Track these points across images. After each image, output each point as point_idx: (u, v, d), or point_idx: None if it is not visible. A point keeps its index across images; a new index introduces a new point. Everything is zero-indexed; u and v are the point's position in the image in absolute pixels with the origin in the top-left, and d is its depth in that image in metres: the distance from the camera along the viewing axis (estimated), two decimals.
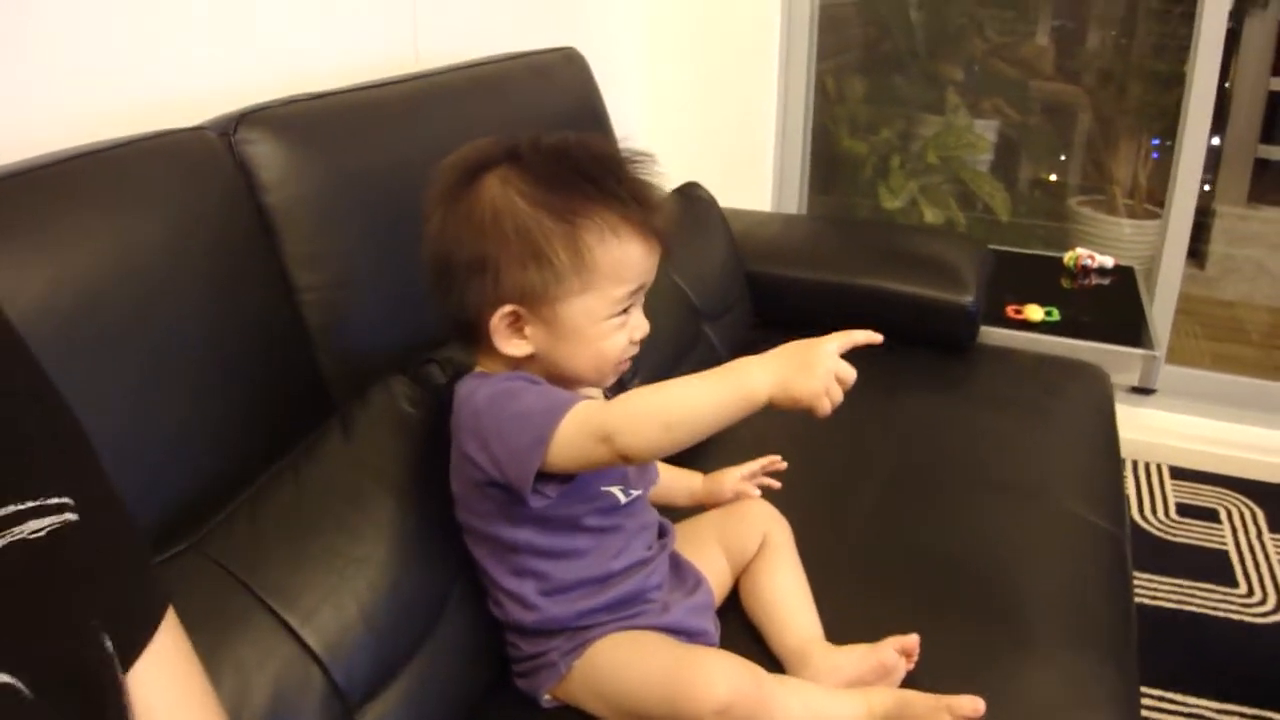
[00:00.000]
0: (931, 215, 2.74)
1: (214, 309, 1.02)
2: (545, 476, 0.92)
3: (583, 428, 0.89)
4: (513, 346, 0.97)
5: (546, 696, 1.03)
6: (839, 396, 0.88)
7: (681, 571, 1.12)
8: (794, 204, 2.61)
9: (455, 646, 1.01)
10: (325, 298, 1.16)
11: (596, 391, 1.08)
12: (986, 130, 2.83)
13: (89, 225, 0.93)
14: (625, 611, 1.03)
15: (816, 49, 2.56)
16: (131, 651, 0.53)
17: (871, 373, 1.68)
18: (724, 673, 0.93)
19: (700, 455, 1.29)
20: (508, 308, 0.95)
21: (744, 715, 0.92)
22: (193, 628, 0.82)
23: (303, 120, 1.19)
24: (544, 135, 0.97)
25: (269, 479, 0.98)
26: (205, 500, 0.96)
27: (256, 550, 0.91)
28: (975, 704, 0.96)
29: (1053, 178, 3.02)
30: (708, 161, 2.46)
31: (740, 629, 1.13)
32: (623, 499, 1.02)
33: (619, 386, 1.35)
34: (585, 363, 0.98)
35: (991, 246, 2.41)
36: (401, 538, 0.98)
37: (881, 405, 1.65)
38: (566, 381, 0.99)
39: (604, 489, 1.00)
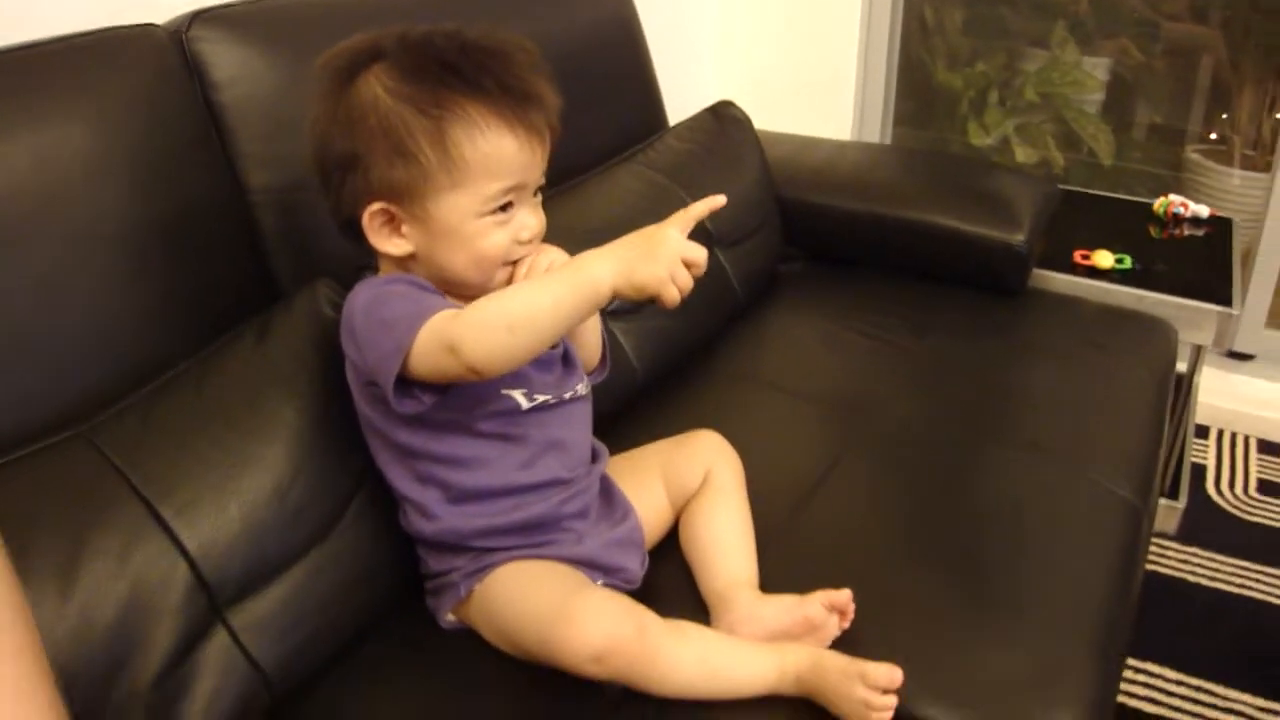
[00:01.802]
0: (1024, 155, 2.55)
1: (145, 206, 1.01)
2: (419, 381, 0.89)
3: (433, 337, 0.85)
4: (391, 245, 0.94)
5: (449, 618, 1.00)
6: (687, 282, 0.84)
7: (612, 501, 1.07)
8: (875, 136, 2.48)
9: (349, 558, 0.98)
10: (280, 200, 1.15)
11: None
12: (1096, 69, 2.60)
13: (9, 117, 0.93)
14: (535, 537, 0.99)
15: None
16: None
17: (902, 310, 1.63)
18: (602, 618, 0.88)
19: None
20: (377, 205, 0.92)
21: (622, 664, 0.87)
22: (60, 513, 0.85)
23: (265, 20, 1.17)
24: (413, 28, 0.93)
25: (175, 374, 0.97)
26: (127, 393, 0.96)
27: (141, 440, 0.90)
28: (891, 674, 0.88)
29: (1159, 121, 2.77)
30: (781, 88, 2.36)
31: (675, 569, 1.08)
32: (524, 404, 0.97)
33: None
34: (464, 262, 0.93)
35: (1088, 191, 2.24)
36: (297, 441, 0.96)
37: (908, 345, 1.55)
38: (452, 284, 0.95)
39: (503, 392, 0.96)
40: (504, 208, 0.93)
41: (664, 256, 0.83)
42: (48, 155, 0.94)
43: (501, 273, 0.95)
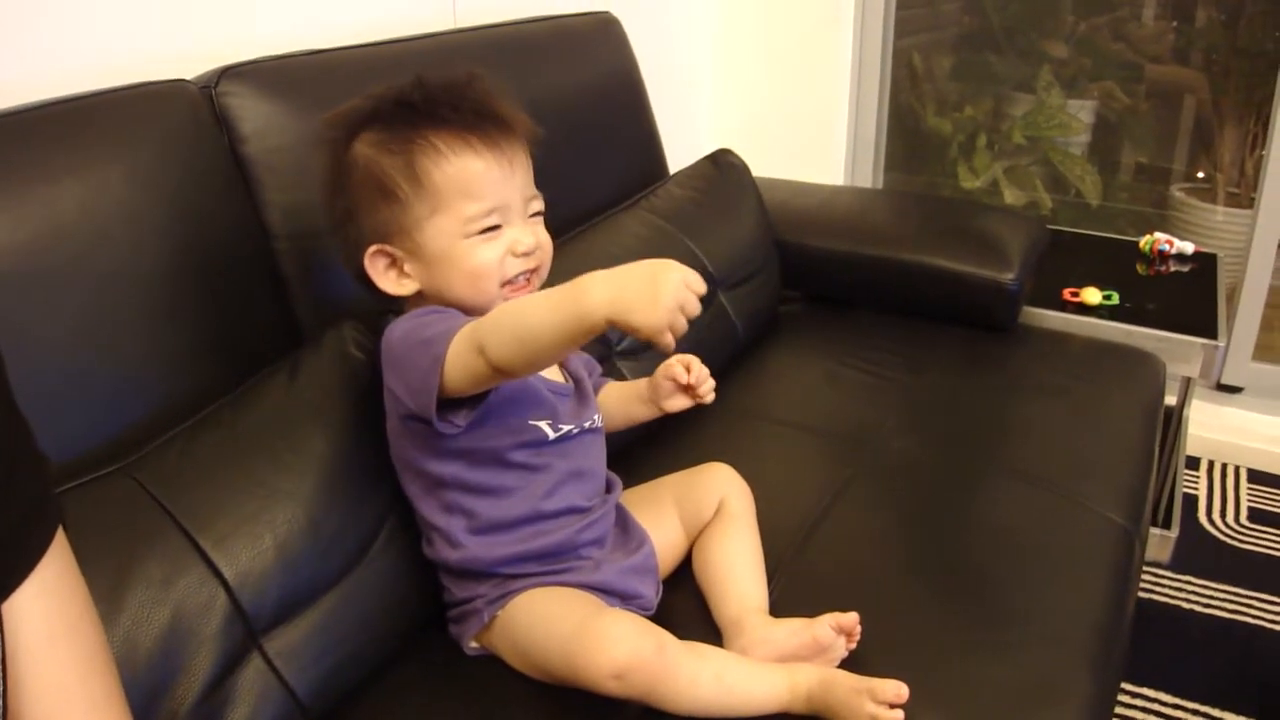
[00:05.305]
0: (1013, 197, 2.62)
1: (179, 251, 1.06)
2: (454, 405, 0.94)
3: (465, 340, 0.90)
4: (398, 286, 1.01)
5: (473, 644, 1.04)
6: (683, 328, 0.83)
7: (628, 531, 1.11)
8: (867, 181, 2.55)
9: (378, 587, 1.02)
10: (301, 246, 1.20)
11: None
12: (1081, 111, 2.69)
13: (51, 168, 0.98)
14: (554, 565, 1.03)
15: (907, 24, 2.49)
16: (10, 582, 0.53)
17: (898, 348, 1.69)
18: (623, 637, 0.92)
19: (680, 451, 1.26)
20: (373, 248, 1.00)
21: (642, 682, 0.91)
22: (105, 544, 0.88)
23: (289, 75, 1.22)
24: (387, 88, 1.01)
25: (211, 411, 1.02)
26: (162, 429, 1.00)
27: (181, 475, 0.94)
28: (898, 689, 0.92)
29: (1144, 161, 2.85)
30: (776, 135, 2.43)
31: (690, 596, 1.12)
32: (550, 434, 1.02)
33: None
34: (462, 284, 1.00)
35: (1076, 230, 2.30)
36: (329, 475, 1.00)
37: (905, 380, 1.61)
38: (465, 311, 1.00)
39: (531, 422, 1.00)
40: (492, 229, 0.99)
41: (665, 300, 0.81)
42: (89, 201, 0.99)
43: (504, 292, 1.01)
